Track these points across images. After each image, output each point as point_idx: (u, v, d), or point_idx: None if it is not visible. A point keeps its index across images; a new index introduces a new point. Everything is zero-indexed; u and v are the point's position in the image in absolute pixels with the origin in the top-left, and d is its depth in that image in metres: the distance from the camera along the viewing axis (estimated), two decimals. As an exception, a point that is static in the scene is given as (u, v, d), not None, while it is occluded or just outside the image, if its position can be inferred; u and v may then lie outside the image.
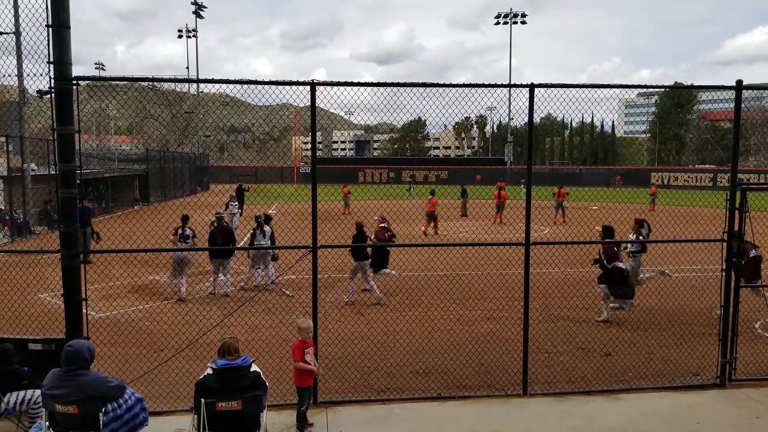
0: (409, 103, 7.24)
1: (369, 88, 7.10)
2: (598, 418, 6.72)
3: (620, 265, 10.75)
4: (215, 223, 13.67)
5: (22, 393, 5.71)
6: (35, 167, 25.82)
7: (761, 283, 10.91)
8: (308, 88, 6.56)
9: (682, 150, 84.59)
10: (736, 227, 7.50)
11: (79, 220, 14.33)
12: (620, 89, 7.57)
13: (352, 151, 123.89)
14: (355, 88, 6.89)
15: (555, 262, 13.07)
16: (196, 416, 5.07)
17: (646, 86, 8.09)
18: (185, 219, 13.35)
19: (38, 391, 5.40)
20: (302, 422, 6.34)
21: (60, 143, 6.00)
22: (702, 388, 7.60)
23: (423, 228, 23.19)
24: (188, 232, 13.16)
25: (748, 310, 9.82)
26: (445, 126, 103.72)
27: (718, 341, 7.79)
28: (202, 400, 5.02)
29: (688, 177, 57.65)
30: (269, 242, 13.34)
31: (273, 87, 6.81)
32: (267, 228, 13.52)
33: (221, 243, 12.94)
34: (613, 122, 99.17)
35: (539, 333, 9.43)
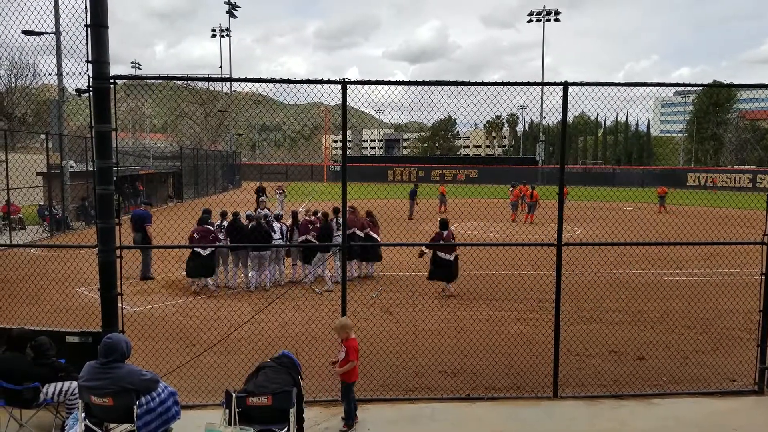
0: (440, 101, 7.21)
1: (400, 87, 7.09)
2: (631, 423, 6.60)
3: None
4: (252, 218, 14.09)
5: (59, 384, 5.86)
6: (74, 164, 26.47)
7: None
8: (339, 86, 6.58)
9: (720, 150, 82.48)
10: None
11: (137, 225, 14.76)
12: (656, 87, 7.40)
13: (381, 150, 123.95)
14: (386, 87, 6.90)
15: (587, 263, 12.86)
16: (226, 411, 5.13)
17: (682, 84, 7.90)
18: (224, 214, 14.07)
19: (75, 383, 5.53)
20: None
21: (97, 141, 6.14)
22: (739, 395, 7.39)
23: (511, 216, 27.32)
24: (225, 224, 13.79)
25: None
26: (476, 125, 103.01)
27: (756, 346, 7.57)
28: (233, 394, 5.09)
29: (726, 178, 56.18)
30: (280, 239, 13.63)
31: (304, 86, 6.85)
32: (276, 225, 13.83)
33: (242, 238, 13.13)
34: (648, 121, 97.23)
35: (570, 335, 9.30)
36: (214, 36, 71.38)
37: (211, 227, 13.40)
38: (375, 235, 14.41)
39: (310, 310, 11.23)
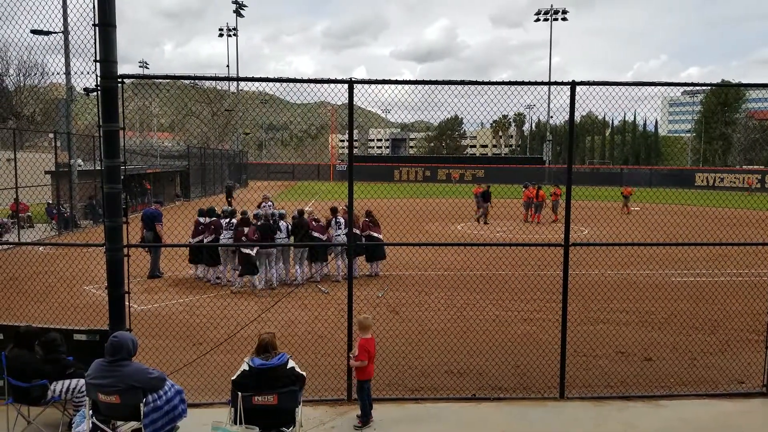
0: (447, 101, 7.18)
1: (407, 86, 7.08)
2: (638, 424, 6.57)
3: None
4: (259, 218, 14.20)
5: (67, 382, 5.88)
6: (81, 163, 26.63)
7: None
8: (346, 86, 6.57)
9: (729, 150, 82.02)
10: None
11: (148, 224, 15.08)
12: (665, 87, 7.36)
13: (388, 149, 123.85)
14: (393, 86, 6.88)
15: (594, 263, 12.81)
16: (233, 409, 5.15)
17: (690, 84, 7.88)
18: (231, 213, 14.21)
19: (82, 381, 5.55)
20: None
21: (105, 140, 6.16)
22: (746, 397, 7.34)
23: (523, 216, 27.26)
24: (232, 221, 13.92)
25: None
26: (482, 124, 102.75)
27: (765, 348, 7.52)
28: (239, 393, 5.10)
29: (735, 178, 55.86)
30: (286, 238, 13.72)
31: (311, 85, 6.85)
32: (282, 223, 13.86)
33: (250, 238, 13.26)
34: (656, 121, 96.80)
35: (577, 336, 9.26)
36: (221, 35, 71.41)
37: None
38: (376, 234, 14.43)
39: (316, 309, 11.24)
